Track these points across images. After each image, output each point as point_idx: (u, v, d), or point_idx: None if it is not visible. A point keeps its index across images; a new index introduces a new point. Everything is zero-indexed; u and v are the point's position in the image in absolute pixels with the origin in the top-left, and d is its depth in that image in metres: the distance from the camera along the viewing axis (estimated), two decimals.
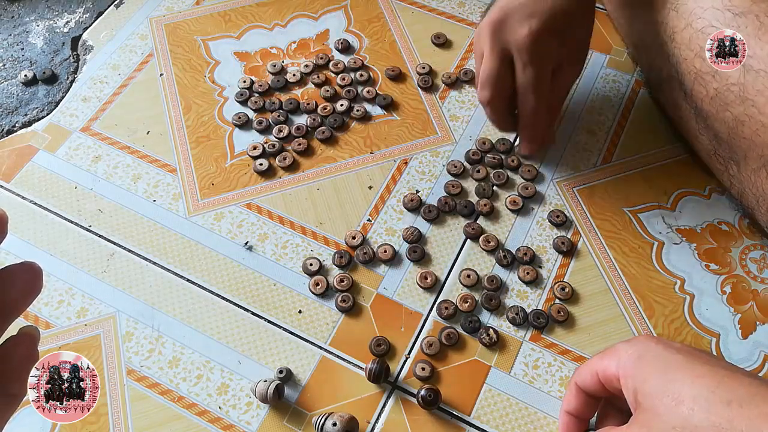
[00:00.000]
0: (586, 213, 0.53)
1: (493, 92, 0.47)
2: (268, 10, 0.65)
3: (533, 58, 0.44)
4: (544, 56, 0.45)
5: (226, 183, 0.54)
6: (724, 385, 0.31)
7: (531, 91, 0.46)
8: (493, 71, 0.46)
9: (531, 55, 0.44)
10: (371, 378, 0.44)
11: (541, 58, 0.45)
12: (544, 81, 0.46)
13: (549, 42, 0.44)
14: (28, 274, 0.23)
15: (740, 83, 0.43)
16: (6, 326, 0.23)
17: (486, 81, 0.46)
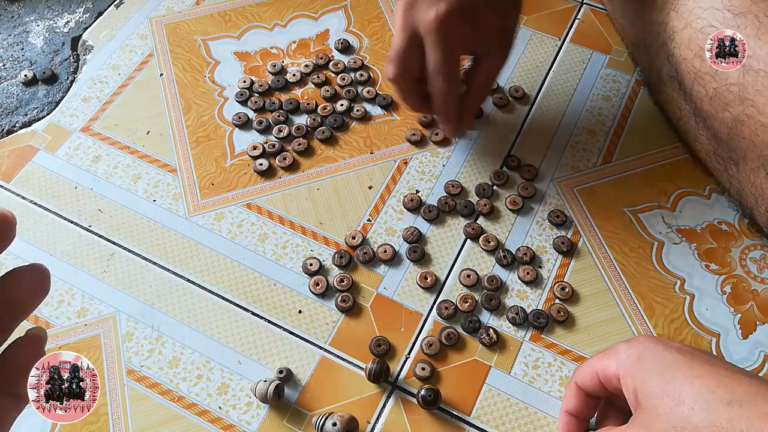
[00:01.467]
0: (586, 213, 0.53)
1: (399, 70, 0.46)
2: (268, 10, 0.65)
3: (440, 41, 0.43)
4: (451, 40, 0.44)
5: (226, 183, 0.54)
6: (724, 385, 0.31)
7: (438, 73, 0.45)
8: (400, 49, 0.45)
9: (438, 38, 0.43)
10: (371, 378, 0.44)
11: (448, 41, 0.44)
12: (450, 64, 0.45)
13: (458, 26, 0.43)
14: (36, 276, 0.23)
15: (739, 83, 0.43)
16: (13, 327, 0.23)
17: (392, 58, 0.46)
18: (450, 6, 0.43)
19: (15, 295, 0.23)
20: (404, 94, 0.49)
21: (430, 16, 0.43)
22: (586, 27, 0.64)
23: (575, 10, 0.65)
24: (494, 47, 0.47)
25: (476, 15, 0.44)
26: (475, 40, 0.46)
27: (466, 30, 0.44)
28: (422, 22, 0.43)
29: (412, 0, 0.44)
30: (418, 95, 0.49)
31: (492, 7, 0.45)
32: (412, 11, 0.44)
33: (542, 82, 0.60)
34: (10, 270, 0.23)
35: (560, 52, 0.62)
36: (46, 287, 0.24)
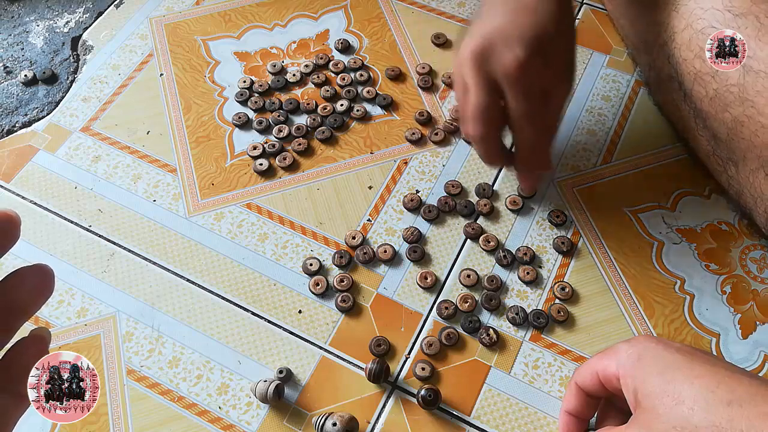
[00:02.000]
0: (586, 213, 0.53)
1: (486, 126, 0.44)
2: (268, 10, 0.65)
3: (524, 87, 0.42)
4: (534, 83, 0.42)
5: (226, 183, 0.54)
6: (724, 385, 0.31)
7: (527, 121, 0.43)
8: (483, 104, 0.43)
9: (521, 84, 0.41)
10: (371, 378, 0.44)
11: (531, 86, 0.42)
12: (538, 109, 0.43)
13: (537, 67, 0.42)
14: (39, 276, 0.23)
15: (740, 84, 0.43)
16: (17, 327, 0.23)
17: (477, 115, 0.43)
18: (527, 48, 0.41)
19: (19, 295, 0.23)
20: (490, 151, 0.47)
21: (509, 63, 0.41)
22: (586, 27, 0.64)
23: (575, 10, 0.65)
24: (563, 78, 0.45)
25: (548, 51, 0.42)
26: (549, 76, 0.44)
27: (542, 69, 0.42)
28: (502, 70, 0.41)
29: (484, 48, 0.42)
30: (503, 148, 0.47)
31: (557, 40, 0.43)
32: (487, 61, 0.42)
33: None
34: (14, 270, 0.23)
35: None
36: (50, 288, 0.24)
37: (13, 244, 0.23)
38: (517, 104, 0.42)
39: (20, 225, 0.23)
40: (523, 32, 0.41)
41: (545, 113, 0.45)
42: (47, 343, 0.25)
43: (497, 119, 0.44)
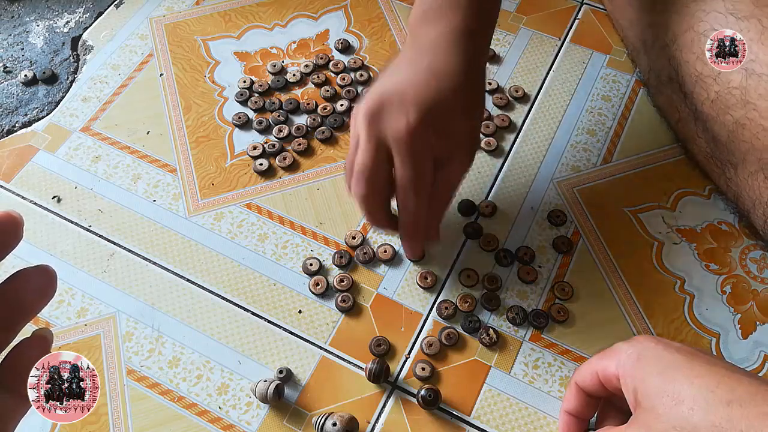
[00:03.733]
0: (586, 213, 0.53)
1: (369, 187, 0.41)
2: (268, 10, 0.65)
3: (412, 154, 0.39)
4: (423, 151, 0.40)
5: (226, 183, 0.54)
6: (723, 384, 0.31)
7: (410, 188, 0.40)
8: (369, 164, 0.40)
9: (409, 150, 0.39)
10: (371, 378, 0.44)
11: (420, 153, 0.40)
12: (423, 177, 0.41)
13: (429, 135, 0.39)
14: (42, 277, 0.24)
15: (742, 87, 0.43)
16: (20, 328, 0.23)
17: (361, 175, 0.41)
18: (420, 114, 0.39)
19: (22, 295, 0.23)
20: (373, 213, 0.44)
21: (399, 127, 0.39)
22: (586, 27, 0.64)
23: (575, 10, 0.65)
24: (461, 151, 0.43)
25: (448, 122, 0.40)
26: (445, 146, 0.41)
27: (435, 138, 0.40)
28: (391, 133, 0.39)
29: (377, 108, 0.39)
30: (387, 212, 0.44)
31: (458, 111, 0.41)
32: (379, 121, 0.39)
33: (542, 82, 0.60)
34: (18, 271, 0.23)
35: (560, 52, 0.62)
36: (53, 289, 0.24)
37: (15, 244, 0.23)
38: (403, 171, 0.40)
39: (23, 225, 0.23)
40: (420, 97, 0.39)
41: (433, 184, 0.42)
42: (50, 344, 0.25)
43: (382, 182, 0.41)
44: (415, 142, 0.39)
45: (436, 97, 0.39)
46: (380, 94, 0.40)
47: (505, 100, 0.58)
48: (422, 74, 0.40)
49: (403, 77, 0.41)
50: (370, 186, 0.41)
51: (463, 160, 0.43)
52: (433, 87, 0.40)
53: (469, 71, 0.41)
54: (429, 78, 0.40)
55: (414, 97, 0.39)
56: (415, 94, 0.39)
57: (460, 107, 0.41)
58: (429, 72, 0.40)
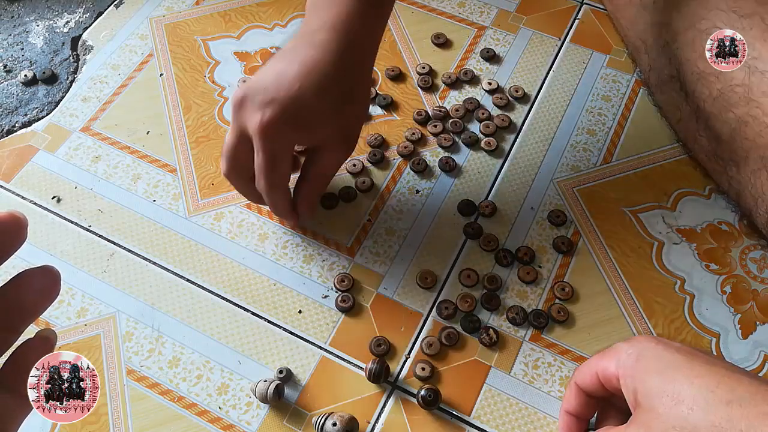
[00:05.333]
0: (586, 213, 0.53)
1: (229, 165, 0.45)
2: (268, 10, 0.65)
3: (264, 145, 0.42)
4: (277, 144, 0.42)
5: (226, 183, 0.54)
6: (723, 384, 0.31)
7: (261, 175, 0.43)
8: (230, 146, 0.44)
9: (262, 142, 0.41)
10: (371, 378, 0.44)
11: (273, 146, 0.42)
12: (274, 168, 0.43)
13: (286, 132, 0.42)
14: (46, 278, 0.24)
15: (745, 84, 0.43)
16: (23, 328, 0.23)
17: (224, 153, 0.45)
18: (275, 113, 0.41)
19: (25, 296, 0.23)
20: (239, 189, 0.48)
21: (255, 121, 0.41)
22: (586, 27, 0.64)
23: (575, 10, 0.65)
24: (333, 143, 0.45)
25: (307, 118, 0.42)
26: (309, 140, 0.44)
27: (295, 135, 0.42)
28: (249, 125, 0.42)
29: (242, 100, 0.42)
30: (250, 187, 0.46)
31: (326, 110, 0.43)
32: (241, 112, 0.42)
33: (542, 82, 0.60)
34: (21, 272, 0.23)
35: (560, 52, 0.62)
36: (57, 289, 0.24)
37: (20, 245, 0.23)
38: (257, 159, 0.43)
39: (27, 226, 0.23)
40: (280, 95, 0.41)
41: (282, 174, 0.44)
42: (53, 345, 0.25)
43: (243, 163, 0.44)
44: (269, 136, 0.41)
45: (296, 95, 0.41)
46: (247, 87, 0.42)
47: (505, 100, 0.58)
48: (291, 69, 0.41)
49: (274, 70, 0.42)
50: (232, 164, 0.45)
51: (336, 149, 0.45)
52: (296, 85, 0.41)
53: (341, 65, 0.42)
54: (296, 74, 0.41)
55: (274, 95, 0.41)
56: (276, 91, 0.41)
57: (326, 103, 0.42)
58: (299, 66, 0.41)
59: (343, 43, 0.42)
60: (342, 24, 0.42)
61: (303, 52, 0.42)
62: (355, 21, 0.43)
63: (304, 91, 0.41)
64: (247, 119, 0.42)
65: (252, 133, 0.42)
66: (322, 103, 0.42)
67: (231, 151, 0.44)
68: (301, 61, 0.42)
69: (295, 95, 0.41)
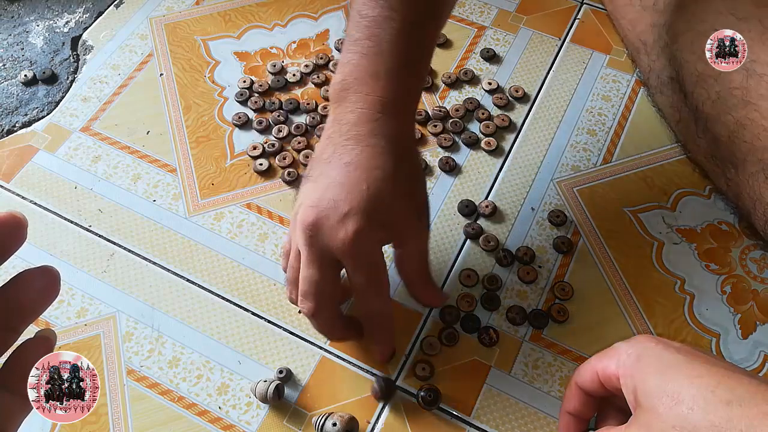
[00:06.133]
0: (586, 213, 0.53)
1: (319, 303, 0.40)
2: (268, 10, 0.65)
3: (359, 260, 0.38)
4: (370, 252, 0.39)
5: (226, 183, 0.54)
6: (723, 384, 0.31)
7: (369, 292, 0.40)
8: (315, 280, 0.39)
9: (356, 258, 0.38)
10: (379, 398, 0.44)
11: (367, 256, 0.39)
12: (378, 277, 0.40)
13: (373, 235, 0.38)
14: (46, 278, 0.24)
15: (743, 87, 0.43)
16: (22, 329, 0.23)
17: (309, 293, 0.40)
18: (360, 220, 0.37)
19: (25, 296, 0.23)
20: (328, 327, 0.43)
21: (342, 238, 0.37)
22: (586, 27, 0.64)
23: (575, 10, 0.65)
24: (411, 230, 0.42)
25: (387, 213, 0.39)
26: (391, 235, 0.41)
27: (381, 234, 0.39)
28: (336, 246, 0.38)
29: (315, 223, 0.38)
30: (340, 321, 0.43)
31: (401, 197, 0.40)
32: (319, 236, 0.38)
33: (542, 82, 0.60)
34: (21, 272, 0.23)
35: (560, 52, 0.62)
36: (56, 290, 0.24)
37: (20, 245, 0.23)
38: (356, 279, 0.39)
39: (27, 227, 0.23)
40: (355, 202, 0.38)
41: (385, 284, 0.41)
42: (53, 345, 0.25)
43: (332, 295, 0.41)
44: (360, 248, 0.38)
45: (369, 196, 0.38)
46: (314, 209, 0.38)
47: (505, 100, 0.58)
48: (349, 172, 0.39)
49: (330, 179, 0.39)
50: (321, 302, 0.40)
51: (416, 236, 0.42)
52: (364, 186, 0.38)
53: (396, 152, 0.40)
54: (359, 177, 0.38)
55: (349, 205, 0.38)
56: (349, 200, 0.38)
57: (397, 194, 0.40)
58: (355, 168, 0.39)
59: (390, 128, 0.40)
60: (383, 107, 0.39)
61: (352, 153, 0.39)
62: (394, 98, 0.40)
63: (376, 190, 0.38)
64: (330, 240, 0.38)
65: (341, 253, 0.38)
66: (394, 194, 0.39)
67: (319, 285, 0.39)
68: (357, 165, 0.39)
69: (370, 198, 0.38)
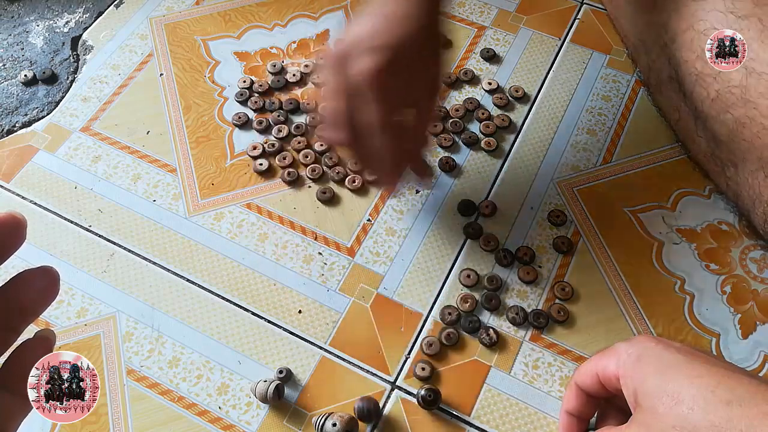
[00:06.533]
0: (586, 213, 0.53)
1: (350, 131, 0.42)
2: (268, 10, 0.65)
3: (380, 94, 0.40)
4: (390, 92, 0.40)
5: (226, 183, 0.54)
6: (723, 384, 0.31)
7: (382, 129, 0.41)
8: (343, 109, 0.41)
9: (375, 91, 0.40)
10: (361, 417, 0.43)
11: (387, 94, 0.40)
12: (393, 112, 0.42)
13: (394, 79, 0.40)
14: (45, 278, 0.24)
15: (742, 85, 0.43)
16: (22, 329, 0.23)
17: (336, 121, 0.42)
18: (386, 56, 0.39)
19: (25, 296, 0.23)
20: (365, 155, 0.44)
21: (367, 68, 0.39)
22: (586, 27, 0.64)
23: (575, 10, 0.65)
24: (424, 97, 0.44)
25: (409, 64, 0.41)
26: (407, 93, 0.42)
27: (400, 82, 0.41)
28: (359, 74, 0.40)
29: (344, 54, 0.40)
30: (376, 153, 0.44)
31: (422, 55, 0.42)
32: (345, 66, 0.40)
33: (542, 82, 0.60)
34: (20, 272, 0.23)
35: (560, 52, 0.62)
36: (56, 290, 0.24)
37: (19, 245, 0.23)
38: (371, 112, 0.41)
39: (26, 227, 0.23)
40: (384, 40, 0.40)
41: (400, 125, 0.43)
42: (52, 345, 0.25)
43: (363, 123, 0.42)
44: (381, 83, 0.40)
45: (398, 41, 0.40)
46: (345, 41, 0.41)
47: (505, 100, 0.58)
48: (386, 19, 0.41)
49: (366, 24, 0.41)
50: (351, 129, 0.42)
51: (427, 106, 0.45)
52: (396, 31, 0.40)
53: (428, 17, 0.42)
54: (391, 23, 0.41)
55: (378, 41, 0.40)
56: (379, 38, 0.40)
57: (422, 51, 0.42)
58: (391, 18, 0.41)
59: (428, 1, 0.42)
60: None
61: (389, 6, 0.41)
62: None
63: (404, 38, 0.40)
64: (356, 69, 0.40)
65: (363, 83, 0.40)
66: (420, 51, 0.42)
67: (348, 113, 0.41)
68: (393, 14, 0.41)
69: (399, 42, 0.40)
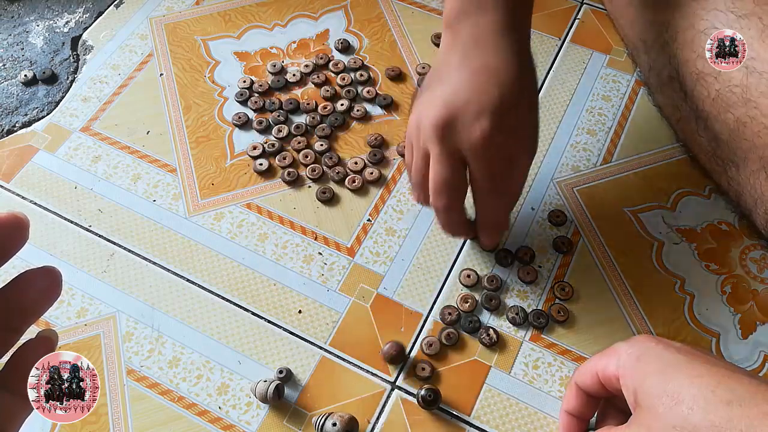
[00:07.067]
0: (586, 213, 0.53)
1: (450, 199, 0.43)
2: (268, 10, 0.65)
3: (489, 161, 0.40)
4: (500, 155, 0.41)
5: (226, 183, 0.54)
6: (723, 384, 0.31)
7: (492, 193, 0.42)
8: (448, 177, 0.41)
9: (486, 158, 0.40)
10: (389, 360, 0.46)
11: (497, 158, 0.41)
12: (503, 180, 0.42)
13: (501, 138, 0.40)
14: (47, 278, 0.24)
15: (743, 85, 0.43)
16: (24, 329, 0.23)
17: (442, 188, 0.42)
18: (493, 120, 0.39)
19: (27, 297, 0.23)
20: (453, 222, 0.46)
21: (475, 136, 0.39)
22: (586, 27, 0.64)
23: (575, 10, 0.65)
24: (525, 146, 0.44)
25: (513, 118, 0.41)
26: (513, 145, 0.42)
27: (506, 139, 0.41)
28: (468, 142, 0.40)
29: (448, 119, 0.40)
30: (465, 219, 0.46)
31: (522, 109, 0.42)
32: (452, 133, 0.40)
33: (542, 82, 0.60)
34: (22, 272, 0.23)
35: (560, 52, 0.62)
36: (58, 290, 0.24)
37: (21, 245, 0.23)
38: (483, 177, 0.41)
39: (29, 227, 0.23)
40: (487, 102, 0.39)
41: (509, 182, 0.44)
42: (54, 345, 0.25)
43: (462, 191, 0.43)
44: (490, 148, 0.40)
45: (500, 99, 0.40)
46: (447, 106, 0.40)
47: None
48: (479, 75, 0.40)
49: (460, 82, 0.40)
50: (452, 198, 0.43)
51: (529, 154, 0.44)
52: (495, 89, 0.40)
53: (521, 63, 0.41)
54: (488, 78, 0.40)
55: (481, 103, 0.39)
56: (481, 99, 0.39)
57: (522, 102, 0.42)
58: (485, 72, 0.40)
59: (514, 42, 0.41)
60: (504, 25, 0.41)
61: (479, 58, 0.40)
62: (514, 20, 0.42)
63: (505, 93, 0.40)
64: (463, 137, 0.40)
65: (473, 151, 0.40)
66: (520, 102, 0.41)
67: (452, 183, 0.42)
68: (485, 68, 0.40)
69: (501, 100, 0.39)
